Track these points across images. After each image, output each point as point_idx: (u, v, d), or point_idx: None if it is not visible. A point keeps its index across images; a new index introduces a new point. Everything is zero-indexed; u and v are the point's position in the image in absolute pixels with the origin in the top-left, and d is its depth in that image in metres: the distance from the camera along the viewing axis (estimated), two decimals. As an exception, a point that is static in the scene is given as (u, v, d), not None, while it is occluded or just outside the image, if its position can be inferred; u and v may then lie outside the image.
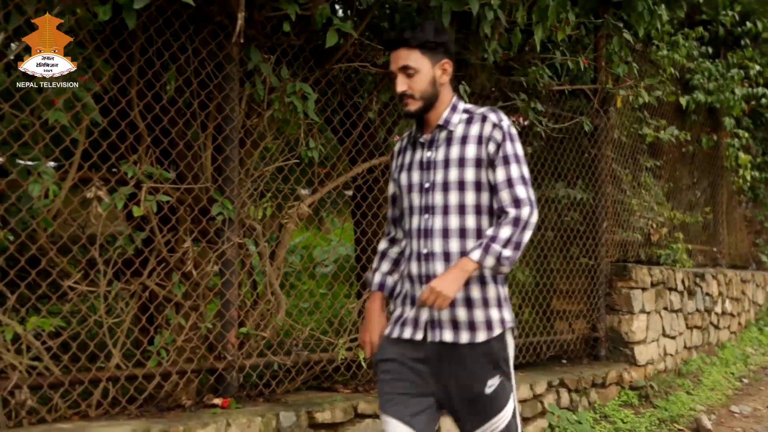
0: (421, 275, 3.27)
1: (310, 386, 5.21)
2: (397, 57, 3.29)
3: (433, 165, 3.31)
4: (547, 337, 6.84)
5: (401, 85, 3.28)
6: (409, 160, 3.40)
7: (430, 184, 3.29)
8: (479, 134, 3.25)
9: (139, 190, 4.19)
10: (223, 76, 4.56)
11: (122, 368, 4.20)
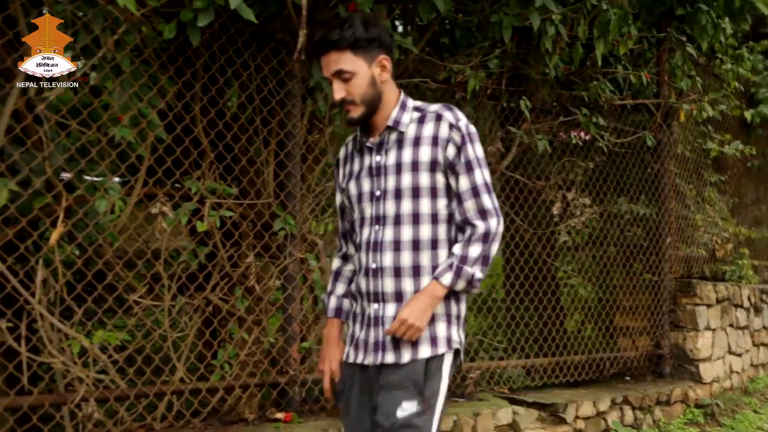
0: (370, 292, 2.98)
1: (372, 401, 5.15)
2: (327, 61, 2.95)
3: (383, 171, 2.99)
4: (610, 353, 6.72)
5: (338, 91, 2.95)
6: (357, 168, 3.08)
7: (381, 191, 2.98)
8: (434, 135, 2.95)
9: (203, 205, 4.20)
10: (285, 93, 4.57)
11: (186, 382, 4.21)
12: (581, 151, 6.46)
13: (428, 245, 2.92)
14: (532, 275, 6.12)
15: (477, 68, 5.20)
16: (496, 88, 5.64)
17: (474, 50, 5.38)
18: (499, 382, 5.85)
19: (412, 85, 5.27)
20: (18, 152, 3.67)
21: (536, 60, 5.57)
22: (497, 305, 6.08)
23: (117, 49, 3.81)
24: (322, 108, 4.63)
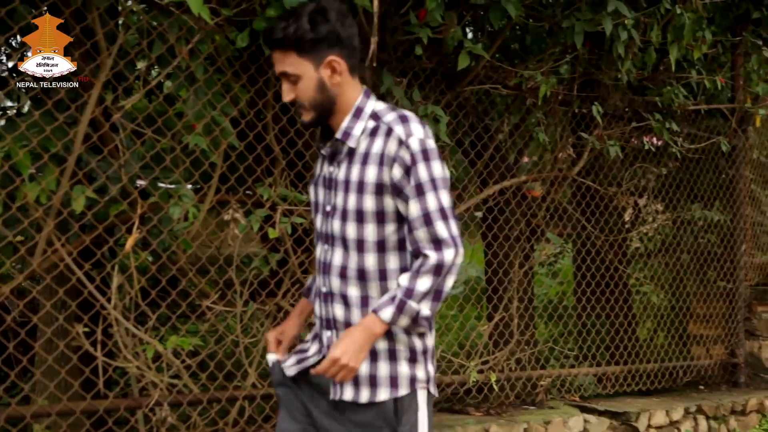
0: (322, 317, 2.69)
1: (442, 408, 5.12)
2: (274, 59, 2.62)
3: (334, 185, 2.64)
4: (684, 362, 6.57)
5: (286, 93, 2.62)
6: (318, 172, 2.75)
7: (331, 207, 2.64)
8: (381, 152, 2.54)
9: (274, 212, 4.20)
10: (356, 100, 4.54)
11: (258, 387, 4.21)
12: (654, 156, 6.33)
13: (375, 276, 2.58)
14: (603, 282, 6.01)
15: (548, 74, 5.12)
16: (567, 93, 5.55)
17: (545, 56, 5.30)
18: (569, 390, 5.75)
19: (483, 92, 5.22)
20: (95, 160, 3.70)
21: (608, 65, 5.47)
22: (568, 312, 5.99)
23: (191, 58, 3.83)
24: (392, 115, 4.59)
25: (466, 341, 5.34)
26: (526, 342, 5.60)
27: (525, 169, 6.04)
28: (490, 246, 5.64)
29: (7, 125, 3.62)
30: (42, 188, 3.48)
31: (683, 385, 6.59)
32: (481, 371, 5.10)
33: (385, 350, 2.59)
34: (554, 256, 6.79)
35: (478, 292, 6.01)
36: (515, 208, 5.59)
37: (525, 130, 5.72)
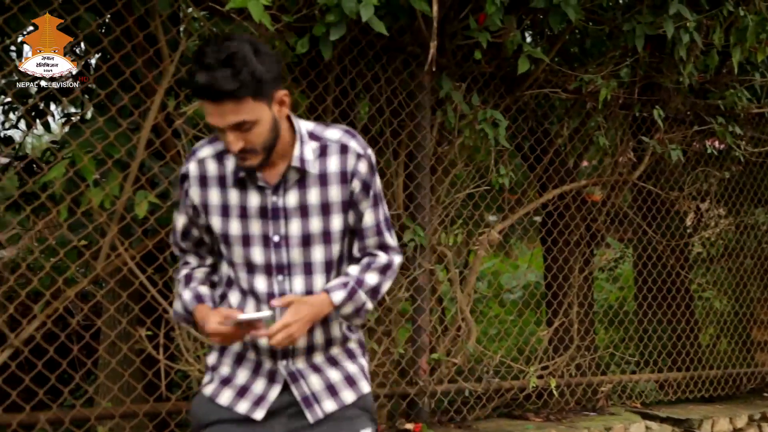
0: (276, 348, 2.48)
1: (501, 413, 5.05)
2: (220, 111, 2.29)
3: (283, 213, 2.49)
4: (747, 368, 6.40)
5: (235, 143, 2.34)
6: (237, 203, 2.50)
7: (281, 237, 2.48)
8: (342, 170, 2.49)
9: (334, 217, 4.17)
10: (415, 105, 4.52)
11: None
12: (716, 160, 6.18)
13: None
14: (665, 287, 5.89)
15: (608, 77, 5.03)
16: (628, 97, 5.45)
17: (605, 59, 5.21)
18: (631, 396, 5.64)
19: (542, 96, 5.14)
20: (157, 165, 3.71)
21: (670, 68, 5.36)
22: (629, 318, 5.87)
23: (251, 64, 3.81)
24: (451, 119, 4.55)
25: (525, 346, 5.27)
26: (586, 347, 5.51)
27: (585, 174, 5.95)
28: (549, 251, 5.56)
29: (71, 131, 3.64)
30: (106, 193, 3.50)
31: (747, 392, 6.42)
32: (541, 377, 5.02)
33: (343, 351, 2.59)
34: (614, 261, 6.68)
35: (537, 298, 5.93)
36: (575, 213, 5.50)
37: (585, 134, 5.63)
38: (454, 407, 4.71)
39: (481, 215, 5.12)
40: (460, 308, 4.72)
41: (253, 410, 2.52)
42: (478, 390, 4.72)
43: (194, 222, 2.57)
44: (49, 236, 3.53)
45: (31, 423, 3.33)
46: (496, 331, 5.42)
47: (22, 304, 3.42)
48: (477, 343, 4.80)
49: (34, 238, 3.72)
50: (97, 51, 3.68)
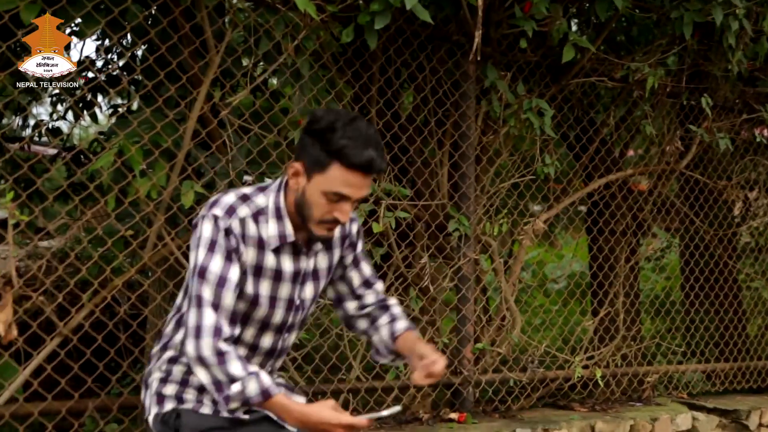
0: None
1: (546, 403, 4.99)
2: (362, 183, 2.53)
3: (305, 278, 2.70)
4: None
5: (347, 215, 2.57)
6: (272, 266, 2.63)
7: (300, 300, 2.70)
8: (342, 235, 2.78)
9: (379, 206, 4.14)
10: (460, 94, 4.46)
11: (362, 380, 4.16)
12: (765, 149, 6.04)
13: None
14: (712, 277, 5.78)
15: (655, 65, 4.93)
16: (675, 85, 5.33)
17: (652, 47, 5.11)
18: (677, 387, 5.55)
19: (588, 84, 5.05)
20: (203, 155, 3.70)
21: (718, 56, 5.23)
22: (675, 308, 5.77)
23: (297, 54, 3.80)
24: (496, 109, 4.49)
25: (570, 336, 5.19)
26: (632, 337, 5.43)
27: (631, 163, 5.84)
28: (595, 240, 5.47)
29: (118, 122, 3.64)
30: (153, 183, 3.49)
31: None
32: (586, 367, 4.95)
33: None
34: (661, 251, 6.57)
35: (582, 287, 5.84)
36: (621, 202, 5.41)
37: (631, 123, 5.54)
38: (498, 397, 4.66)
39: (526, 205, 5.05)
40: (505, 298, 4.66)
41: (237, 412, 2.57)
42: (522, 380, 4.66)
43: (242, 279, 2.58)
44: (96, 226, 3.54)
45: (80, 410, 3.34)
46: (540, 321, 5.35)
47: (71, 293, 3.43)
48: (521, 333, 4.74)
49: (82, 228, 3.73)
50: (143, 42, 3.67)
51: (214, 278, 2.54)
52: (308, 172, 2.56)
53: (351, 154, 2.49)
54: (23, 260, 3.93)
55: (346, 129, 2.52)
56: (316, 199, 2.56)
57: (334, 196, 2.54)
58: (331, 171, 2.52)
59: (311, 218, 2.59)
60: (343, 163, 2.50)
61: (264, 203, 2.65)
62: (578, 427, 4.40)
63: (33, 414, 3.21)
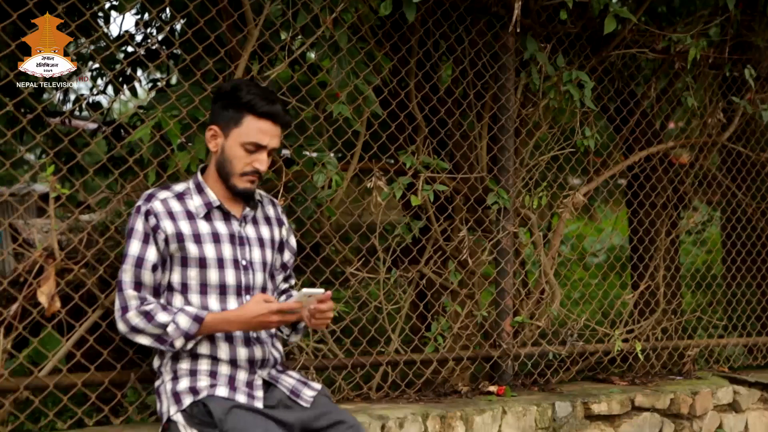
0: (255, 359, 2.98)
1: (585, 377, 4.92)
2: (272, 133, 2.95)
3: (246, 241, 3.02)
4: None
5: (265, 163, 2.97)
6: (207, 230, 2.95)
7: (248, 262, 3.00)
8: (277, 216, 3.18)
9: (417, 179, 4.09)
10: (499, 66, 4.38)
11: (401, 353, 4.12)
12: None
13: None
14: (754, 251, 5.65)
15: (698, 36, 4.80)
16: (718, 56, 5.19)
17: (694, 18, 4.98)
18: (718, 361, 5.44)
19: (629, 56, 4.94)
20: (242, 129, 3.65)
21: (762, 26, 5.09)
22: (716, 281, 5.65)
23: (335, 27, 3.74)
24: (536, 81, 4.40)
25: (610, 310, 5.11)
26: (672, 311, 5.33)
27: (672, 135, 5.72)
28: (635, 214, 5.37)
29: (157, 96, 3.61)
30: (192, 156, 3.46)
31: None
32: (626, 340, 4.87)
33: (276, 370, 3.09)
34: (702, 224, 6.44)
35: (622, 261, 5.75)
36: (662, 175, 5.30)
37: (672, 95, 5.41)
38: (537, 370, 4.60)
39: (566, 178, 4.97)
40: (544, 271, 4.59)
41: (251, 401, 2.88)
42: (561, 353, 4.59)
43: (162, 253, 2.92)
44: (136, 199, 3.51)
45: (122, 381, 3.34)
46: (580, 295, 5.26)
47: (111, 266, 3.42)
48: (561, 307, 4.67)
49: (122, 202, 3.71)
50: (182, 16, 3.63)
51: (132, 260, 2.90)
52: (224, 130, 2.95)
53: (259, 104, 2.90)
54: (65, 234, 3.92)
55: (249, 87, 2.93)
56: (236, 152, 2.93)
57: (251, 146, 2.92)
58: (244, 123, 2.92)
59: (233, 173, 2.94)
60: (254, 114, 2.91)
61: (183, 187, 3.03)
62: (618, 401, 4.33)
63: (76, 384, 3.21)
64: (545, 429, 4.06)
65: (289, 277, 3.29)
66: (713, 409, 4.77)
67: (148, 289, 2.93)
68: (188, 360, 2.94)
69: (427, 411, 3.73)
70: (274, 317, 2.85)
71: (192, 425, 2.86)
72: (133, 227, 2.93)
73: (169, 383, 2.94)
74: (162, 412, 2.96)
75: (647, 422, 4.43)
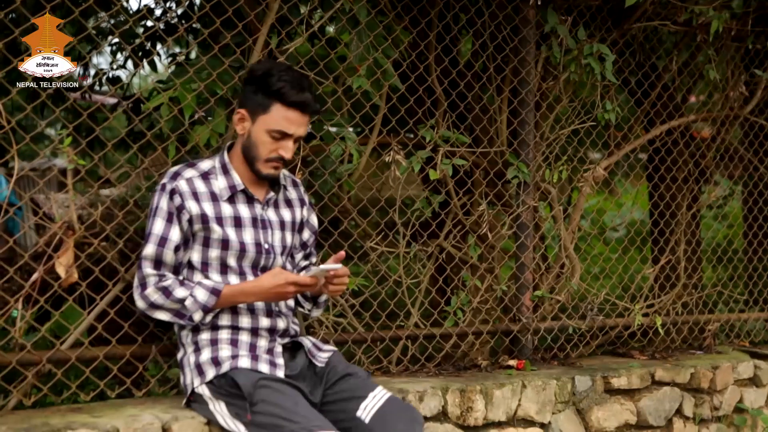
0: (276, 329, 3.05)
1: (605, 351, 4.90)
2: (299, 122, 2.95)
3: (269, 225, 3.05)
4: None
5: (290, 151, 2.97)
6: (230, 214, 2.98)
7: (270, 245, 3.03)
8: (300, 197, 3.21)
9: (436, 153, 4.04)
10: (520, 40, 4.32)
11: (420, 327, 4.10)
12: None
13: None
14: (775, 225, 5.59)
15: (720, 8, 4.71)
16: (740, 29, 5.10)
17: (717, -10, 4.89)
18: (739, 336, 5.39)
19: (650, 29, 4.87)
20: (260, 103, 3.62)
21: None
22: (738, 256, 5.59)
23: (354, 0, 3.69)
24: (556, 54, 4.33)
25: (630, 284, 5.06)
26: (693, 285, 5.28)
27: (693, 109, 5.64)
28: (656, 188, 5.32)
29: (176, 71, 3.58)
30: (211, 131, 3.44)
31: None
32: (646, 315, 4.83)
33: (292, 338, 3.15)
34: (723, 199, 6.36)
35: (643, 235, 5.70)
36: (683, 149, 5.23)
37: (694, 68, 5.33)
38: (557, 344, 4.57)
39: (586, 152, 4.91)
40: (564, 245, 4.54)
41: (273, 370, 2.92)
42: (581, 327, 4.56)
43: (185, 233, 2.94)
44: (156, 174, 3.49)
45: (144, 354, 3.33)
46: (600, 269, 5.22)
47: (131, 239, 3.41)
48: (581, 281, 4.62)
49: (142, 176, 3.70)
50: (201, -10, 3.60)
51: (155, 239, 2.93)
52: (252, 115, 2.95)
53: (288, 93, 2.88)
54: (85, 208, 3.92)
55: (282, 74, 2.91)
56: (262, 138, 2.93)
57: (277, 134, 2.91)
58: (272, 111, 2.91)
59: (259, 158, 2.95)
60: (283, 103, 2.90)
61: (209, 166, 3.02)
62: (638, 375, 4.30)
63: (98, 357, 3.21)
64: (565, 403, 4.04)
65: (309, 255, 3.31)
66: (734, 384, 4.74)
67: (169, 267, 2.97)
68: (209, 331, 2.98)
69: (446, 385, 3.71)
70: (290, 287, 2.88)
71: (219, 397, 2.89)
72: (158, 205, 2.95)
73: (192, 355, 2.97)
74: (186, 385, 2.99)
75: (667, 396, 4.39)
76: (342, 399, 2.94)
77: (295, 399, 2.79)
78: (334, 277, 2.94)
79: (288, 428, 2.68)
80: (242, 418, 2.81)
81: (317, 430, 2.68)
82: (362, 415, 2.88)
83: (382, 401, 2.91)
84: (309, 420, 2.71)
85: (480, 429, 3.76)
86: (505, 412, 3.83)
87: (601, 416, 4.14)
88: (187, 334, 3.02)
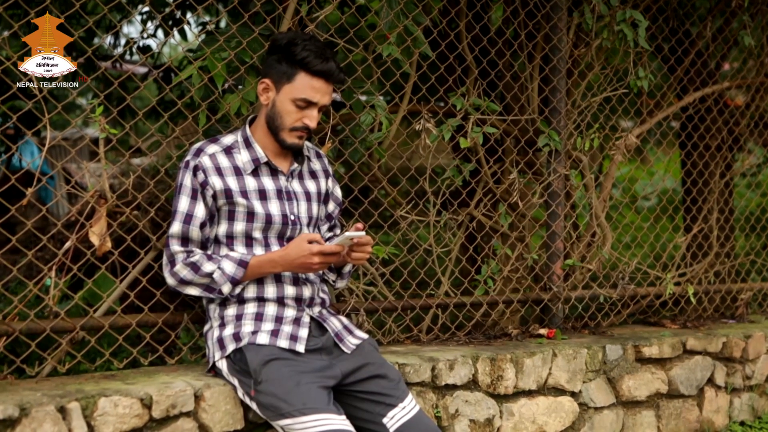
0: (303, 298, 3.03)
1: (636, 320, 4.85)
2: (324, 90, 2.95)
3: (294, 196, 3.05)
4: None
5: (315, 120, 2.96)
6: (254, 187, 2.98)
7: (296, 216, 3.03)
8: (324, 168, 3.20)
9: (467, 122, 3.99)
10: (551, 6, 4.24)
11: (451, 296, 4.07)
12: None
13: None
14: (811, 194, 5.49)
15: (756, -27, 4.62)
16: (777, -7, 4.99)
17: (753, -47, 4.78)
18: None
19: (684, -6, 4.77)
20: (290, 71, 3.58)
21: None
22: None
23: (388, -33, 3.63)
24: (588, 21, 4.24)
25: (662, 253, 5.00)
26: (725, 254, 5.20)
27: (727, 76, 5.53)
28: (688, 156, 5.23)
29: (206, 39, 3.54)
30: (241, 99, 3.41)
31: None
32: (678, 283, 4.77)
33: (326, 311, 3.15)
34: (756, 167, 6.26)
35: (675, 204, 5.62)
36: (716, 117, 5.14)
37: (728, 34, 5.22)
38: (588, 313, 4.53)
39: (618, 119, 4.83)
40: (595, 214, 4.48)
41: (293, 344, 2.89)
42: (612, 296, 4.50)
43: (210, 209, 2.96)
44: (186, 143, 3.47)
45: (175, 322, 3.33)
46: (631, 238, 5.15)
47: (162, 208, 3.40)
48: (612, 250, 4.57)
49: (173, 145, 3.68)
50: (231, -42, 3.55)
51: (181, 216, 2.94)
52: (277, 84, 2.95)
53: (313, 62, 2.89)
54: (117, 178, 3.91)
55: (306, 43, 2.90)
56: (287, 107, 2.92)
57: (302, 102, 2.91)
58: (297, 80, 2.91)
59: (283, 127, 2.95)
60: (308, 71, 2.90)
61: (231, 140, 3.03)
62: (669, 344, 4.25)
63: (131, 325, 3.21)
64: (596, 372, 4.00)
65: (333, 227, 3.31)
66: (766, 353, 4.67)
67: (196, 243, 2.99)
68: (235, 306, 2.99)
69: (477, 353, 3.69)
70: (315, 258, 2.86)
71: (233, 373, 2.91)
72: (182, 183, 2.96)
73: (216, 330, 2.99)
74: (209, 357, 3.02)
75: (699, 365, 4.34)
76: (370, 400, 2.94)
77: (297, 379, 2.79)
78: (357, 244, 2.92)
79: (284, 409, 2.73)
80: (250, 396, 2.86)
81: (311, 412, 2.70)
82: (388, 423, 2.89)
83: (410, 415, 2.92)
84: (305, 402, 2.73)
85: (510, 397, 3.73)
86: (535, 381, 3.80)
87: (632, 385, 4.10)
88: (214, 309, 3.03)
